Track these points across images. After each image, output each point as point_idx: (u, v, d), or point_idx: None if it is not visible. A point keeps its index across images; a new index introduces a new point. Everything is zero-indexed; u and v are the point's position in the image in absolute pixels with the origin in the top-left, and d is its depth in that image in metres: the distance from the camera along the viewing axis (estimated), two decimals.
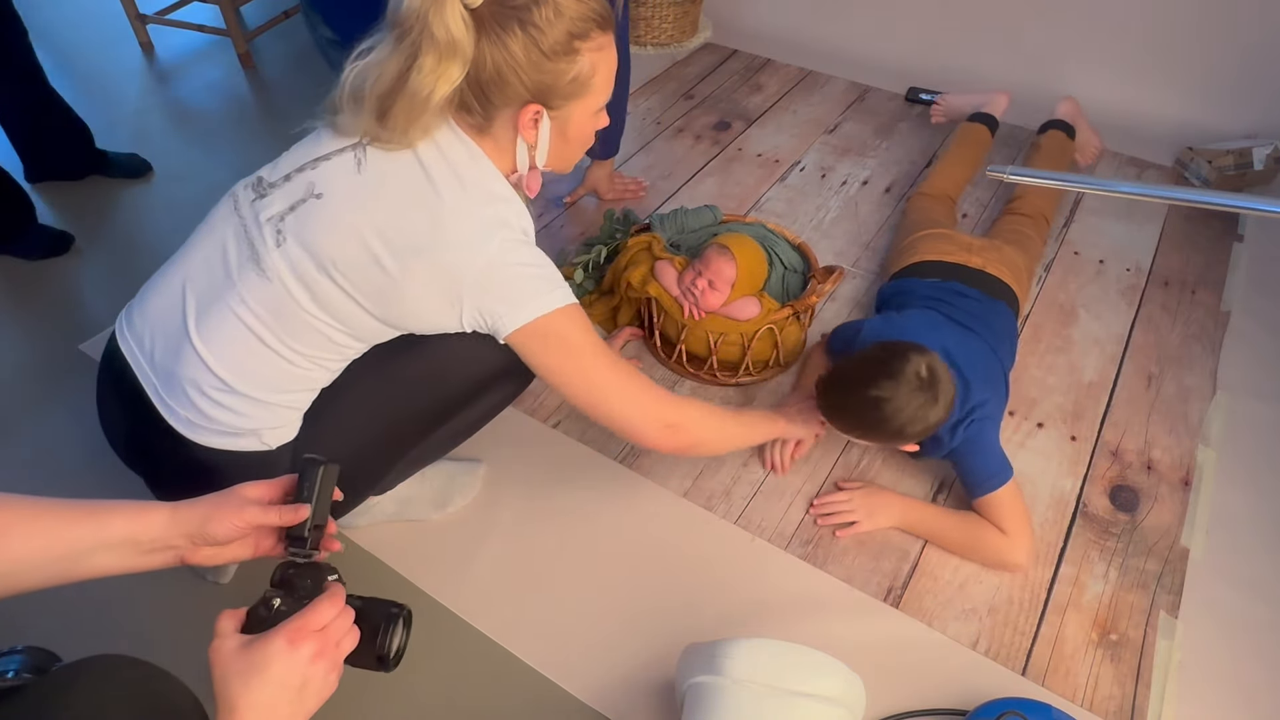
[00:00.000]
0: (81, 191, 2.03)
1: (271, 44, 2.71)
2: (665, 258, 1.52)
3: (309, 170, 0.97)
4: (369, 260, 0.93)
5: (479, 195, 0.96)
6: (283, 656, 0.62)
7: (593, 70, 0.95)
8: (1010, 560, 1.22)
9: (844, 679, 0.94)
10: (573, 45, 0.92)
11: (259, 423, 0.98)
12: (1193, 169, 2.03)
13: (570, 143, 1.02)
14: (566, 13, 0.90)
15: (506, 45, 0.89)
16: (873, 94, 2.41)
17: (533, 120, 0.96)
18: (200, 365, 0.95)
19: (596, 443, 1.41)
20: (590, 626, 1.16)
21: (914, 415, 1.14)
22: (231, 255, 0.96)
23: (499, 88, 0.92)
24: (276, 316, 0.95)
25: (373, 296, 0.95)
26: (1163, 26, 2.12)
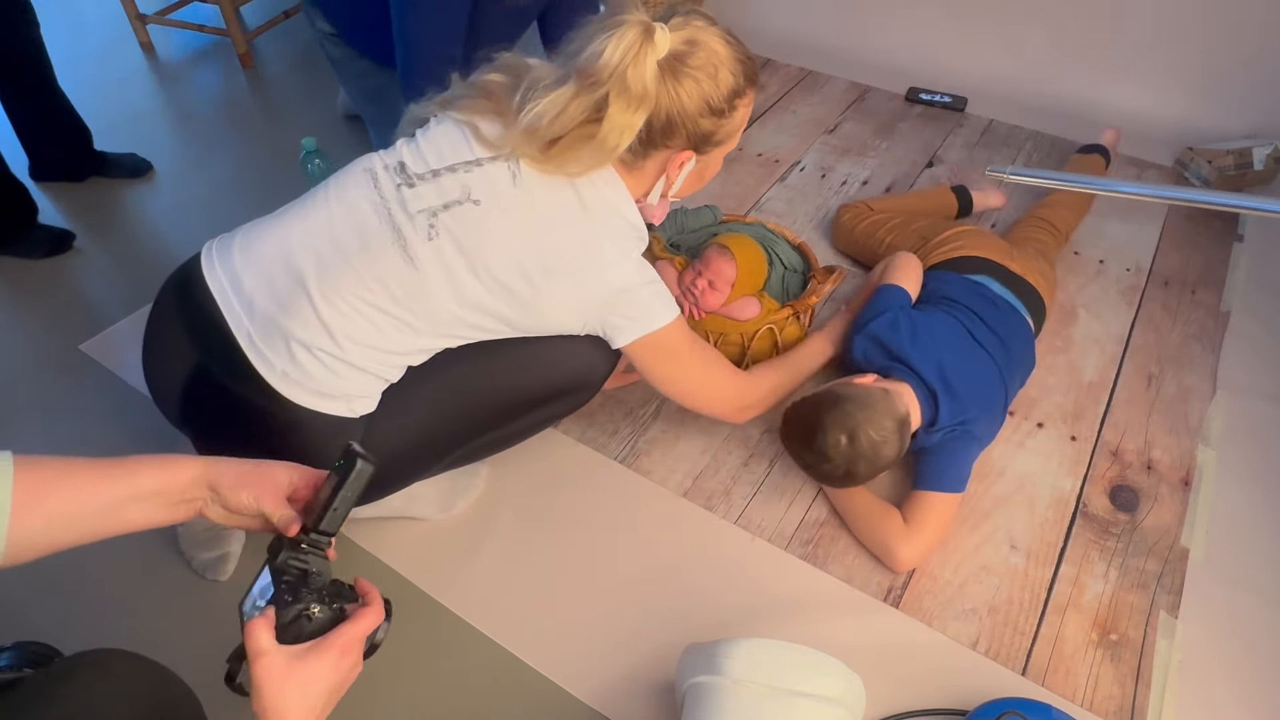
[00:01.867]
0: (82, 191, 2.03)
1: (271, 44, 2.71)
2: (665, 258, 1.52)
3: (462, 172, 1.00)
4: (518, 273, 0.99)
5: (618, 220, 1.04)
6: (334, 668, 0.64)
7: (741, 123, 1.04)
8: (896, 550, 1.21)
9: (844, 679, 0.94)
10: (734, 104, 1.00)
11: (353, 388, 1.01)
12: (1193, 169, 2.03)
13: (702, 180, 1.10)
14: (735, 73, 0.98)
15: (680, 98, 0.96)
16: (873, 94, 2.41)
17: (680, 164, 1.03)
18: (317, 326, 0.97)
19: (596, 443, 1.41)
20: (590, 626, 1.16)
21: (868, 458, 1.18)
22: (372, 231, 0.98)
23: (666, 134, 0.99)
24: (412, 299, 0.98)
25: (512, 302, 1.01)
26: (1163, 26, 2.12)
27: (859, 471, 1.18)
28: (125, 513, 0.69)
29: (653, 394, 1.51)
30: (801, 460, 1.24)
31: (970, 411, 1.26)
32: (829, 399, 1.21)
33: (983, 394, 1.30)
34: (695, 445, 1.42)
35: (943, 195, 1.86)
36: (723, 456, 1.40)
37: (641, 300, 1.06)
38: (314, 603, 0.66)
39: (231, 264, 1.01)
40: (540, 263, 0.99)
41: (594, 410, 1.47)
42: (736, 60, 0.98)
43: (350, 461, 0.69)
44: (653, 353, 1.11)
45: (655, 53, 0.91)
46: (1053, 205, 1.75)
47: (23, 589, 1.16)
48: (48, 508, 0.66)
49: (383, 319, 0.99)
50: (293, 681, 0.62)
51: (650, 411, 1.48)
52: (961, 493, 1.26)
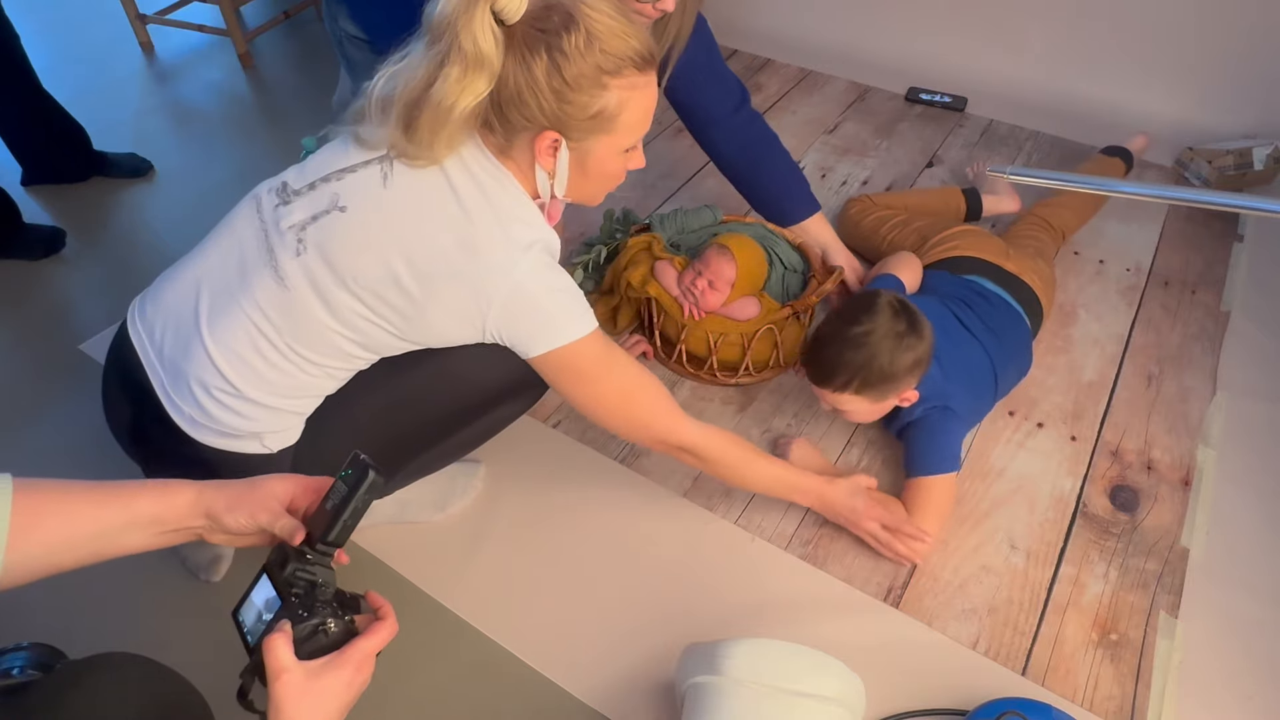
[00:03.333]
0: (82, 192, 2.03)
1: (271, 44, 2.71)
2: (665, 258, 1.52)
3: (334, 181, 0.96)
4: (390, 281, 0.92)
5: (505, 218, 0.95)
6: (349, 684, 0.66)
7: (620, 108, 0.92)
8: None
9: (844, 679, 0.94)
10: (601, 79, 0.89)
11: (262, 426, 0.99)
12: (1193, 169, 2.03)
13: (590, 177, 1.00)
14: (599, 46, 0.88)
15: (530, 67, 0.88)
16: (873, 94, 2.41)
17: (550, 148, 0.94)
18: (208, 365, 0.95)
19: (596, 443, 1.41)
20: (590, 626, 1.16)
21: (897, 347, 1.18)
22: (250, 257, 0.96)
23: (518, 109, 0.91)
24: (290, 323, 0.95)
25: (392, 315, 0.95)
26: (1163, 26, 2.12)
27: (907, 346, 1.19)
28: (122, 538, 0.69)
29: None
30: (844, 345, 1.20)
31: (952, 388, 1.28)
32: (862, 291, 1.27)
33: (967, 376, 1.31)
34: None
35: (952, 197, 1.85)
36: None
37: (536, 308, 0.95)
38: (329, 616, 0.67)
39: (146, 314, 1.01)
40: (412, 269, 0.92)
41: None
42: (612, 34, 0.88)
43: (360, 471, 0.68)
44: (563, 372, 1.00)
45: (491, 11, 0.84)
46: (1056, 206, 1.74)
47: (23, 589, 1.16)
48: (45, 532, 0.65)
49: (272, 353, 0.95)
50: (309, 697, 0.63)
51: None
52: (956, 471, 1.27)
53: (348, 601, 0.70)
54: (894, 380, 1.21)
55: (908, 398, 1.26)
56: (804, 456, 1.35)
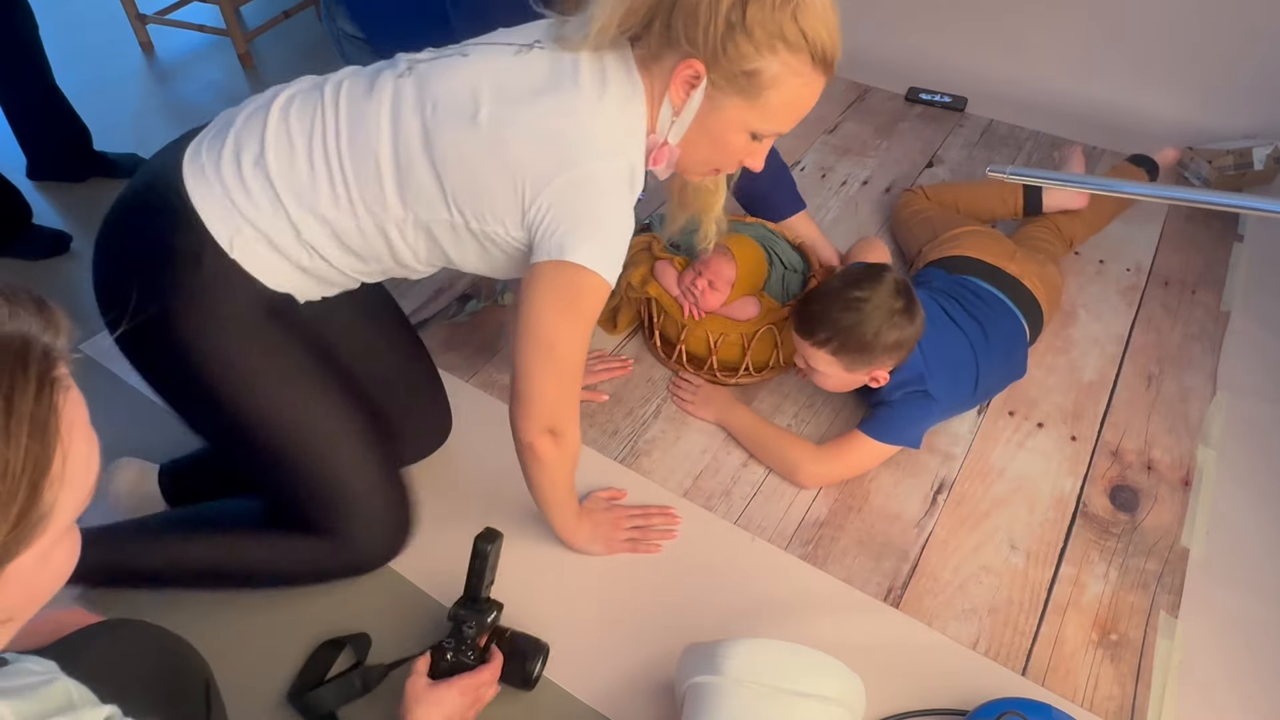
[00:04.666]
0: (82, 191, 2.03)
1: (271, 44, 2.71)
2: (665, 258, 1.52)
3: (471, 46, 0.97)
4: (468, 113, 0.89)
5: (618, 121, 0.91)
6: (453, 700, 0.94)
7: (774, 81, 0.87)
8: (801, 468, 1.32)
9: (844, 679, 0.94)
10: (773, 42, 0.85)
11: (253, 216, 0.95)
12: (1193, 169, 2.03)
13: (709, 139, 0.94)
14: (794, 12, 0.84)
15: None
16: (873, 94, 2.41)
17: (689, 81, 0.89)
18: (257, 134, 0.95)
19: (597, 443, 1.41)
20: (590, 626, 1.16)
21: (887, 321, 1.21)
22: (351, 73, 1.00)
23: (684, 20, 0.86)
24: (350, 127, 0.94)
25: (449, 154, 0.91)
26: (1163, 27, 2.12)
27: (895, 325, 1.21)
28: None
29: (653, 393, 1.51)
30: (840, 304, 1.22)
31: (931, 371, 1.30)
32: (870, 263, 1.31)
33: (946, 361, 1.32)
34: (695, 445, 1.42)
35: (1010, 192, 1.76)
36: (723, 456, 1.40)
37: (597, 213, 0.90)
38: (459, 652, 0.97)
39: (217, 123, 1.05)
40: (497, 96, 0.89)
41: (594, 410, 1.47)
42: (814, 14, 0.85)
43: (490, 538, 0.98)
44: (557, 285, 0.91)
45: None
46: (1071, 214, 1.72)
47: None
48: None
49: (319, 151, 0.94)
50: (425, 697, 0.92)
51: (650, 411, 1.48)
52: (891, 445, 1.30)
53: (476, 649, 0.98)
54: (871, 352, 1.23)
55: (878, 378, 1.28)
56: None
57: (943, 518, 1.31)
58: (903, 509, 1.32)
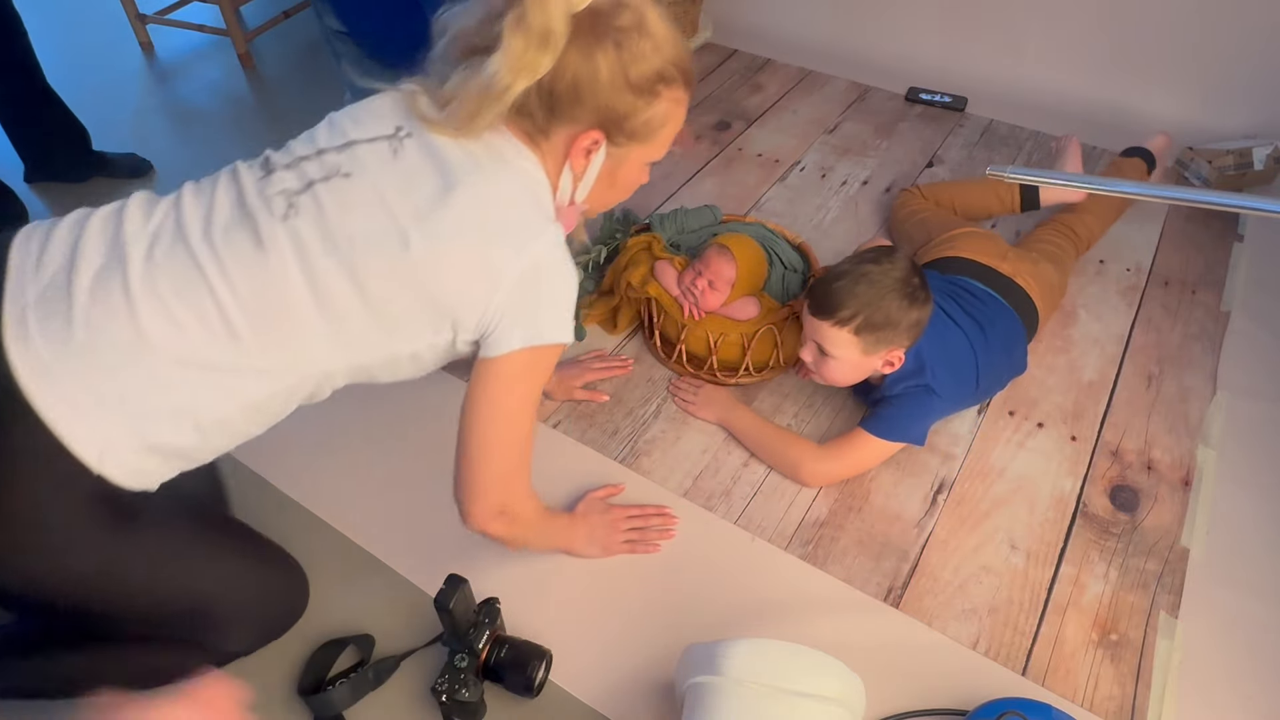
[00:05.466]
0: (82, 192, 2.03)
1: (271, 44, 2.71)
2: (665, 258, 1.52)
3: (332, 154, 0.88)
4: (395, 239, 0.83)
5: (530, 192, 0.89)
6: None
7: (664, 120, 0.91)
8: (804, 468, 1.33)
9: (844, 679, 0.94)
10: (656, 87, 0.87)
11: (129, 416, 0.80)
12: (1193, 169, 2.03)
13: (615, 185, 0.97)
14: (664, 53, 0.86)
15: (593, 60, 0.83)
16: (873, 94, 2.41)
17: (588, 149, 0.90)
18: (120, 304, 0.79)
19: (596, 443, 1.41)
20: (590, 626, 1.16)
21: (908, 298, 1.21)
22: (220, 215, 0.84)
23: (569, 100, 0.86)
24: (254, 292, 0.82)
25: (382, 289, 0.84)
26: (1163, 27, 2.12)
27: (895, 305, 1.21)
28: None
29: (653, 393, 1.51)
30: (848, 275, 1.22)
31: (931, 367, 1.29)
32: None
33: (946, 357, 1.32)
34: (695, 445, 1.42)
35: (1005, 188, 1.76)
36: (723, 456, 1.40)
37: (545, 294, 0.88)
38: (446, 694, 0.98)
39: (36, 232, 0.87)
40: (422, 225, 0.83)
41: (594, 410, 1.47)
42: (672, 44, 0.86)
43: (449, 596, 0.98)
44: (515, 374, 0.90)
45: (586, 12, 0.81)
46: (1080, 212, 1.72)
47: None
48: None
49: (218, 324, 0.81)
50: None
51: (650, 411, 1.48)
52: (894, 443, 1.30)
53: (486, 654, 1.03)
54: (894, 329, 1.22)
55: (893, 360, 1.27)
56: None
57: (943, 518, 1.31)
58: (903, 509, 1.32)
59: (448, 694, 0.98)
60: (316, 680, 1.08)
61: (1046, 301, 1.50)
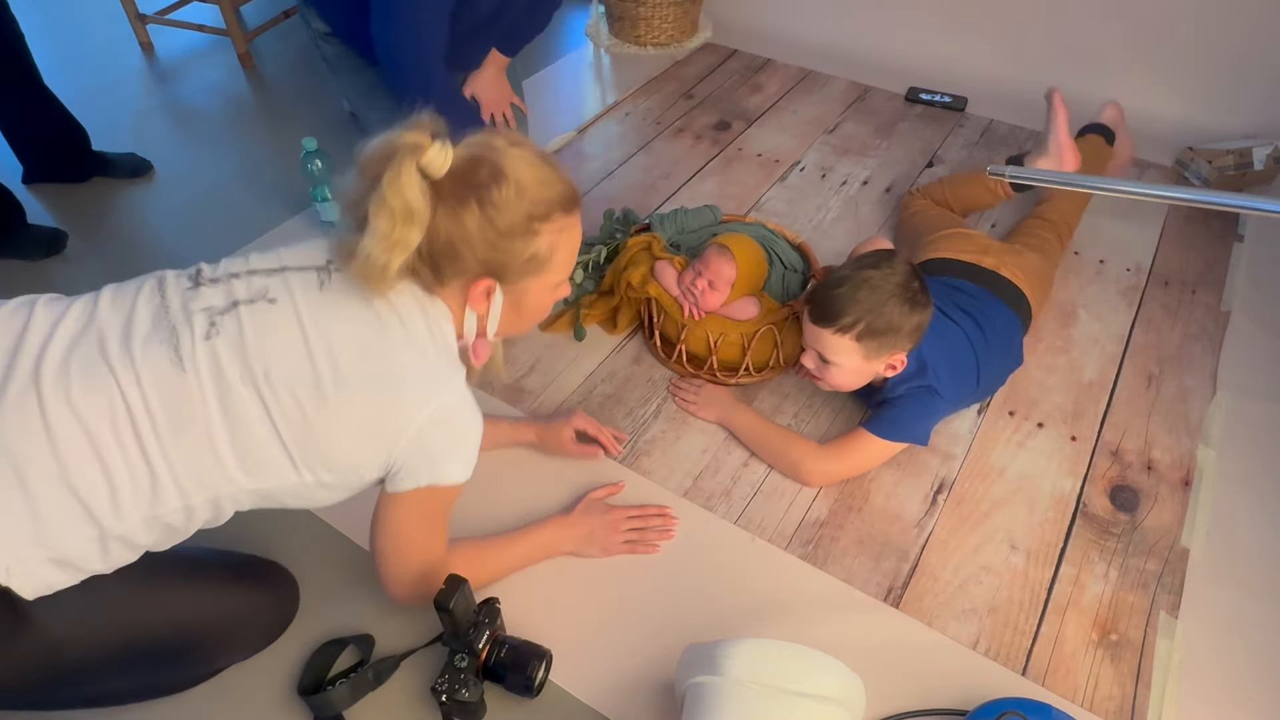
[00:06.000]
0: (82, 192, 2.03)
1: (271, 44, 2.71)
2: (665, 258, 1.52)
3: (262, 276, 0.90)
4: (309, 379, 0.85)
5: (437, 340, 0.92)
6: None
7: (551, 250, 0.92)
8: (804, 467, 1.33)
9: (844, 679, 0.94)
10: (531, 226, 0.89)
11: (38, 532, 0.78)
12: (1193, 169, 2.03)
13: (523, 314, 0.99)
14: (528, 194, 0.88)
15: (462, 220, 0.86)
16: (873, 94, 2.41)
17: (484, 294, 0.92)
18: (34, 425, 0.77)
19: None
20: (590, 626, 1.16)
21: (908, 302, 1.20)
22: (140, 328, 0.84)
23: (450, 260, 0.89)
24: (169, 413, 0.81)
25: (294, 423, 0.85)
26: (1163, 26, 2.12)
27: (895, 309, 1.20)
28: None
29: (653, 393, 1.51)
30: (847, 281, 1.21)
31: (933, 367, 1.29)
32: None
33: (947, 355, 1.32)
34: (695, 445, 1.42)
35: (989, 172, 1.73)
36: (723, 456, 1.40)
37: (447, 439, 0.93)
38: (446, 694, 0.98)
39: None
40: (335, 370, 0.85)
41: (594, 410, 1.47)
42: (539, 182, 0.89)
43: (448, 597, 0.97)
44: (419, 507, 0.95)
45: (418, 168, 0.83)
46: (1049, 199, 1.75)
47: None
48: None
49: (131, 445, 0.80)
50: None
51: (650, 411, 1.48)
52: (897, 443, 1.30)
53: (486, 656, 1.03)
54: (896, 334, 1.21)
55: (895, 365, 1.26)
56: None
57: (943, 518, 1.31)
58: (903, 509, 1.32)
59: (448, 694, 0.97)
60: (316, 680, 1.08)
61: (1036, 290, 1.50)
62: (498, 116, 1.95)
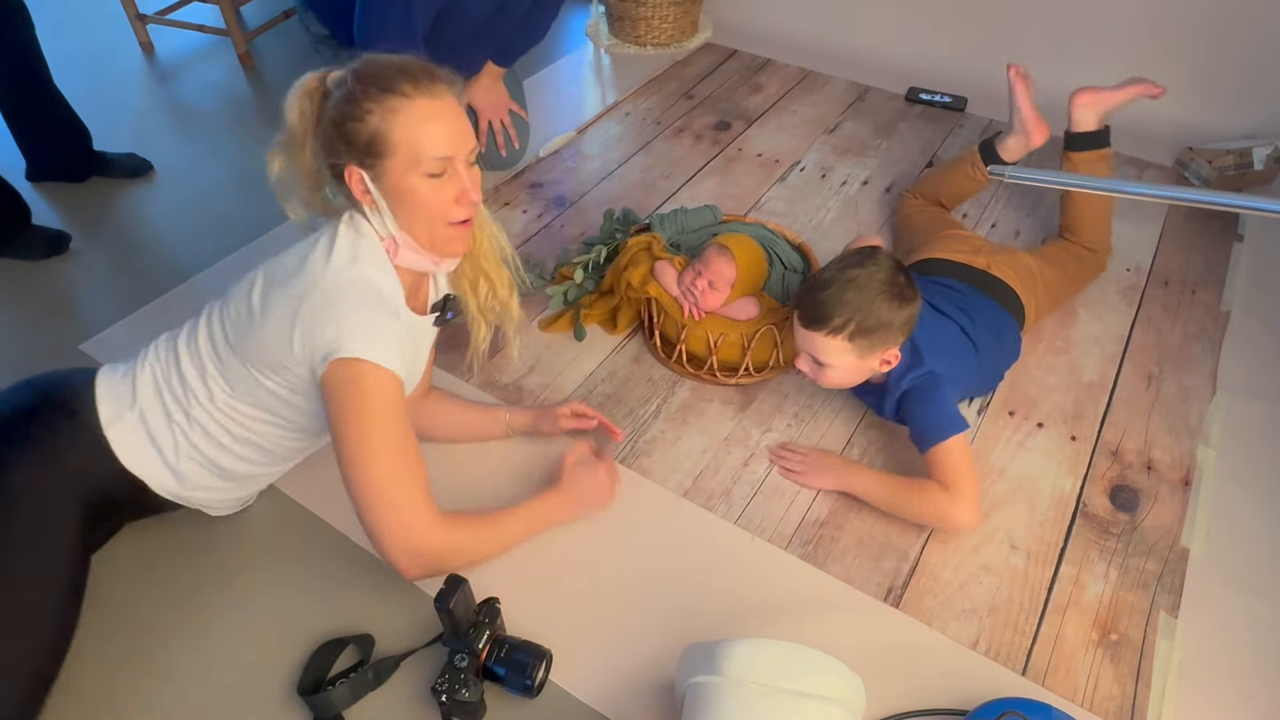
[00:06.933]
0: (82, 191, 2.03)
1: (271, 44, 2.71)
2: (665, 258, 1.52)
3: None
4: (244, 298, 1.07)
5: (349, 247, 1.05)
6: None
7: (388, 130, 0.98)
8: (953, 517, 1.22)
9: (844, 679, 0.94)
10: (363, 106, 0.99)
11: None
12: (1193, 169, 2.03)
13: (409, 206, 1.03)
14: (359, 81, 0.99)
15: (321, 119, 1.03)
16: (873, 94, 2.41)
17: (359, 185, 1.02)
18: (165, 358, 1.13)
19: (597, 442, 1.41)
20: (590, 626, 1.16)
21: (896, 297, 1.20)
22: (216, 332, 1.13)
23: (325, 156, 1.04)
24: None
25: (238, 327, 1.07)
26: (1163, 27, 2.13)
27: (883, 306, 1.20)
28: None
29: (653, 393, 1.51)
30: (834, 282, 1.21)
31: (930, 358, 1.28)
32: None
33: (943, 346, 1.31)
34: (695, 445, 1.42)
35: (968, 157, 1.72)
36: (723, 456, 1.40)
37: (350, 312, 1.00)
38: (446, 694, 0.99)
39: None
40: (264, 285, 1.06)
41: (595, 410, 1.47)
42: (373, 66, 1.01)
43: (448, 596, 0.98)
44: (346, 386, 0.99)
45: (312, 84, 1.04)
46: (1064, 218, 1.70)
47: None
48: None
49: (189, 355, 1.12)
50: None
51: (650, 411, 1.48)
52: (965, 429, 1.24)
53: (486, 657, 1.04)
54: (887, 330, 1.21)
55: (889, 360, 1.26)
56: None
57: None
58: None
59: (448, 694, 0.97)
60: (316, 680, 1.08)
61: (1028, 287, 1.50)
62: (495, 124, 1.95)
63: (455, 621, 0.99)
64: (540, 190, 2.04)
